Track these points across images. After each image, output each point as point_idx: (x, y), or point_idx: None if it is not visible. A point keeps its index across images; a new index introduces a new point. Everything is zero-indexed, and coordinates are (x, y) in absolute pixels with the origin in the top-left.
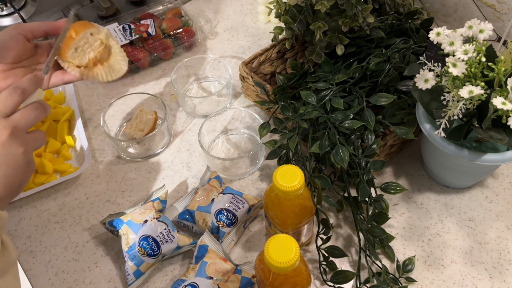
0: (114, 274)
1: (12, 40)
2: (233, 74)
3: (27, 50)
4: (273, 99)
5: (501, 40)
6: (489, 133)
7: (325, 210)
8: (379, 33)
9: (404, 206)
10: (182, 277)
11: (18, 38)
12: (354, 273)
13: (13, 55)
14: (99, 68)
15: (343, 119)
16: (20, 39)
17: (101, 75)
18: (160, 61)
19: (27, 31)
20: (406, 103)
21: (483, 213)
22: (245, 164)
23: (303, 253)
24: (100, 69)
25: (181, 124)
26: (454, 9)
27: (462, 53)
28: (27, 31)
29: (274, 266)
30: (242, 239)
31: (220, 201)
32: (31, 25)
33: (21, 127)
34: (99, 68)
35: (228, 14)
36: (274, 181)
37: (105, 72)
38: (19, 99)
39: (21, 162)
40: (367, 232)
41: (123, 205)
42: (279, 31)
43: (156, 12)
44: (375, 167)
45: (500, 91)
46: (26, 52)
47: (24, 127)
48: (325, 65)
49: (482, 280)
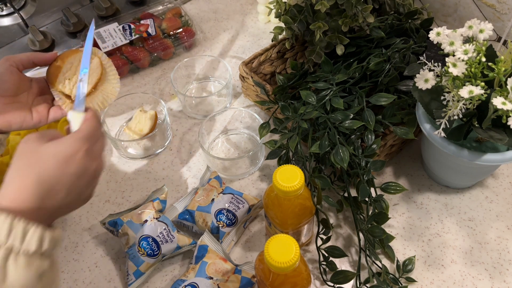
0: (114, 274)
1: (6, 72)
2: (233, 74)
3: (23, 82)
4: (273, 99)
5: (501, 40)
6: (489, 133)
7: (325, 210)
8: (379, 33)
9: (404, 206)
10: (182, 277)
11: (12, 70)
12: (354, 273)
13: (10, 87)
14: (94, 97)
15: (343, 119)
16: (14, 71)
17: (97, 104)
18: (160, 61)
19: (18, 62)
20: (406, 103)
21: (483, 213)
22: (245, 164)
23: (303, 253)
24: (94, 98)
25: (181, 124)
26: (454, 9)
27: (462, 53)
28: (18, 63)
29: (274, 266)
30: (242, 239)
31: (220, 201)
32: (20, 56)
33: (101, 157)
34: (94, 97)
35: (228, 14)
36: (274, 181)
37: (100, 101)
38: (96, 128)
39: (91, 191)
40: (367, 232)
41: (123, 205)
42: (279, 31)
43: (156, 12)
44: (375, 167)
45: (500, 91)
46: (22, 84)
47: (101, 153)
48: (325, 65)
49: (482, 280)
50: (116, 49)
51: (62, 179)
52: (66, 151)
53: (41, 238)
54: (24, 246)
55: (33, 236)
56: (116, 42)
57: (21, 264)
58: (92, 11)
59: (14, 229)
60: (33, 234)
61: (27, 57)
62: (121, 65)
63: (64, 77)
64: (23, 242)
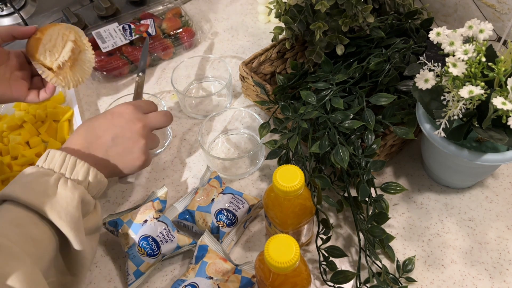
0: (114, 274)
1: None
2: (233, 74)
3: (0, 54)
4: (273, 99)
5: (501, 40)
6: (489, 133)
7: (325, 210)
8: (379, 33)
9: (404, 206)
10: (182, 277)
11: None
12: (354, 273)
13: None
14: (71, 72)
15: (343, 119)
16: None
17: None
18: (160, 61)
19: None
20: (406, 103)
21: (483, 213)
22: (245, 164)
23: (303, 253)
24: (70, 73)
25: (181, 124)
26: (454, 9)
27: (462, 53)
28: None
29: (274, 266)
30: (242, 239)
31: (220, 201)
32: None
33: (151, 125)
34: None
35: (228, 14)
36: (274, 181)
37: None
38: (153, 107)
39: (136, 150)
40: (367, 232)
41: (123, 205)
42: (279, 31)
43: (156, 12)
44: (375, 167)
45: (500, 91)
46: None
47: (153, 126)
48: (325, 65)
49: (482, 280)
50: (116, 49)
51: (108, 127)
52: (115, 109)
53: (87, 171)
54: (73, 175)
55: (81, 169)
56: (116, 42)
57: (69, 187)
58: (92, 11)
59: (66, 162)
60: (81, 168)
61: (5, 30)
62: (121, 65)
63: (44, 49)
64: (72, 172)
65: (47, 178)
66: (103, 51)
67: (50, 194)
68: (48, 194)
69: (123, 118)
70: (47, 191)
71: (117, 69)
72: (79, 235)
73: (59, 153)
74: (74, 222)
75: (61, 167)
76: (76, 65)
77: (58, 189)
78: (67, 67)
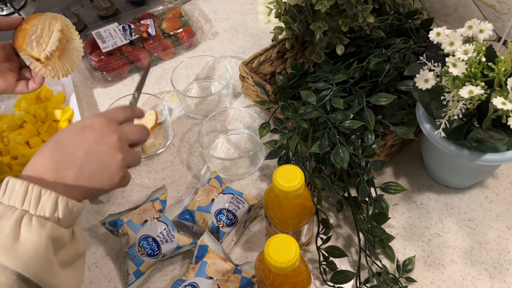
0: (114, 274)
1: None
2: (233, 74)
3: None
4: (273, 99)
5: (501, 40)
6: (489, 133)
7: (325, 210)
8: (379, 33)
9: (404, 206)
10: (182, 277)
11: None
12: (354, 273)
13: None
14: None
15: (343, 119)
16: None
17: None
18: (160, 61)
19: None
20: (406, 103)
21: (483, 213)
22: (245, 164)
23: (303, 253)
24: (59, 63)
25: (181, 124)
26: (454, 9)
27: (462, 53)
28: None
29: (274, 266)
30: (242, 239)
31: (220, 201)
32: None
33: (127, 137)
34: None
35: (228, 14)
36: (274, 181)
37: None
38: (129, 114)
39: (114, 167)
40: (367, 232)
41: (123, 205)
42: (279, 31)
43: (156, 12)
44: (375, 167)
45: (500, 91)
46: None
47: (130, 139)
48: (325, 65)
49: (482, 280)
50: (116, 49)
51: (79, 142)
52: (84, 122)
53: (55, 203)
54: (39, 211)
55: (47, 201)
56: (116, 42)
57: (34, 227)
58: (92, 11)
59: (28, 194)
60: (47, 199)
61: None
62: (121, 65)
63: (31, 39)
64: (37, 206)
65: (7, 220)
66: (103, 51)
67: (12, 241)
68: (8, 244)
69: (95, 131)
70: (9, 237)
71: (117, 69)
72: (53, 279)
73: (20, 182)
74: (47, 268)
75: (23, 202)
76: (65, 55)
77: (21, 232)
78: (55, 57)
